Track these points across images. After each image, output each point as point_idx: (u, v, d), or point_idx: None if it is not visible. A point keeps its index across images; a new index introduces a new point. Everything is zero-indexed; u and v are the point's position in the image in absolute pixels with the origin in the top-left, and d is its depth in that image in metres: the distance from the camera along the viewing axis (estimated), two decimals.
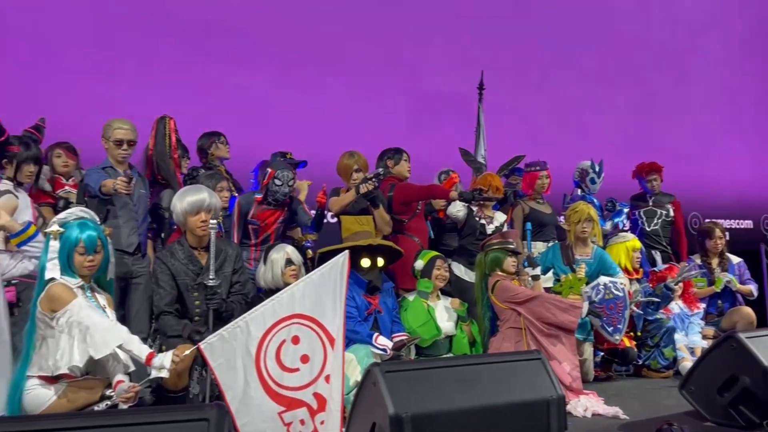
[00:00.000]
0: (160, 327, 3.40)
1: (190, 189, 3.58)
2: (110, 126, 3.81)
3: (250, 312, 2.98)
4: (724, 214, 8.53)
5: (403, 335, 3.90)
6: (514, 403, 2.65)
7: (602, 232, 5.14)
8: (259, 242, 4.24)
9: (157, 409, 2.73)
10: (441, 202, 4.93)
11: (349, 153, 4.47)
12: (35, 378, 2.81)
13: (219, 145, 4.62)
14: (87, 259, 2.91)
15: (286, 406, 2.91)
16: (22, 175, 3.56)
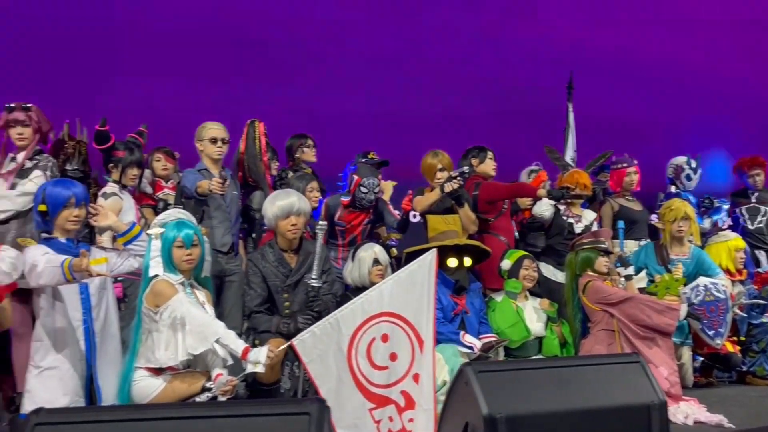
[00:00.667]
0: (252, 324, 3.51)
1: (280, 193, 3.68)
2: (204, 127, 3.98)
3: (340, 309, 3.04)
4: None
5: (491, 336, 3.84)
6: (612, 408, 2.54)
7: (700, 231, 4.88)
8: (346, 243, 4.31)
9: (260, 401, 2.83)
10: (527, 201, 4.83)
11: (432, 152, 4.45)
12: (142, 369, 2.96)
13: (305, 149, 4.69)
14: (185, 253, 3.05)
15: (376, 403, 2.97)
16: (127, 179, 3.76)
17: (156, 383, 2.92)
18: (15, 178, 3.41)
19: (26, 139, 3.48)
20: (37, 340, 2.95)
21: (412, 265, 3.14)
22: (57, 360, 2.93)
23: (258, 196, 4.25)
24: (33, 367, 2.94)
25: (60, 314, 2.97)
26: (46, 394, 2.86)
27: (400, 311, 3.05)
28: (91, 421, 1.84)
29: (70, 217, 2.97)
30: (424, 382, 2.99)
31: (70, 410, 2.49)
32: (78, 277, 2.77)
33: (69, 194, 2.97)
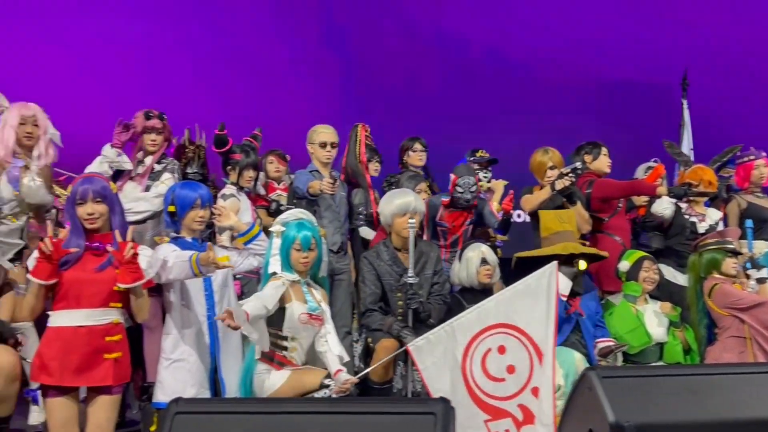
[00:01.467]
0: (365, 322, 3.56)
1: (397, 192, 3.72)
2: (315, 131, 4.11)
3: (456, 318, 3.03)
4: None
5: (609, 341, 3.69)
6: (753, 421, 2.37)
7: None
8: (449, 244, 4.28)
9: (385, 400, 2.87)
10: (642, 198, 4.60)
11: (543, 149, 4.34)
12: (264, 363, 3.07)
13: (410, 152, 4.71)
14: (302, 256, 3.13)
15: (492, 415, 2.93)
16: (243, 180, 3.92)
17: (277, 378, 3.03)
18: (147, 180, 3.65)
19: (158, 145, 3.74)
20: (168, 333, 3.11)
21: (530, 278, 3.06)
22: (185, 352, 3.08)
23: (359, 194, 4.32)
24: (164, 358, 3.10)
25: (187, 309, 3.12)
26: (175, 384, 3.02)
27: (518, 323, 3.00)
28: (227, 412, 1.92)
29: (196, 217, 3.12)
30: (543, 396, 2.92)
31: (206, 401, 2.63)
32: (204, 271, 2.90)
33: (195, 196, 3.12)
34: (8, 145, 3.48)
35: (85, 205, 2.76)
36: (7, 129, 3.50)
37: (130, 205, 3.55)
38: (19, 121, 3.52)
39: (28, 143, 3.55)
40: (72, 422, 2.73)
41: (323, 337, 3.12)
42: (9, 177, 3.49)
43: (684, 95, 5.49)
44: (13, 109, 3.56)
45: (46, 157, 3.58)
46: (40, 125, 3.58)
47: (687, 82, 5.51)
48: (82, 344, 2.72)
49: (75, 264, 2.76)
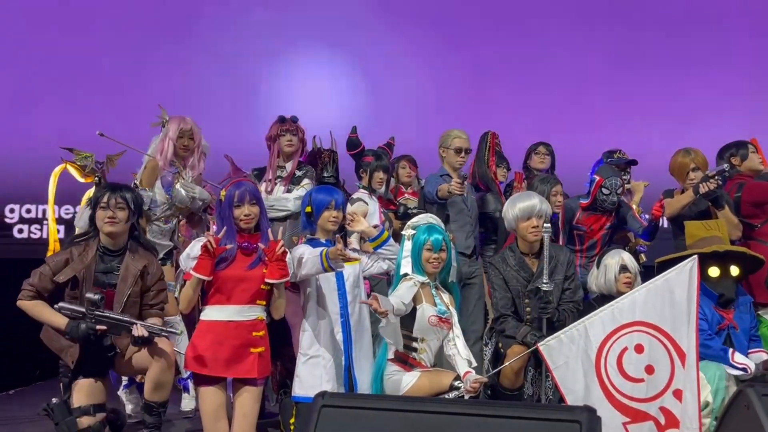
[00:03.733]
0: (499, 327, 3.51)
1: (521, 195, 3.66)
2: (449, 135, 4.13)
3: (588, 316, 2.94)
4: None
5: (763, 351, 3.39)
6: None
7: None
8: (585, 248, 4.13)
9: (531, 405, 2.82)
10: None
11: (684, 150, 4.09)
12: (395, 364, 3.13)
13: (533, 155, 4.66)
14: (433, 256, 3.20)
15: (631, 417, 2.81)
16: (374, 182, 4.03)
17: (408, 378, 3.08)
18: (290, 184, 3.88)
19: (294, 146, 3.94)
20: (305, 330, 3.24)
21: (669, 273, 2.92)
22: (321, 349, 3.19)
23: (491, 200, 4.29)
24: (301, 354, 3.23)
25: (322, 308, 3.24)
26: (312, 379, 3.14)
27: (657, 322, 2.86)
28: (370, 408, 1.98)
29: (330, 217, 3.25)
30: (688, 400, 2.77)
31: (351, 396, 2.72)
32: (334, 266, 3.01)
33: (330, 198, 3.26)
34: (167, 156, 3.83)
35: (243, 207, 2.99)
36: (168, 141, 3.85)
37: (273, 203, 3.78)
38: (179, 134, 3.84)
39: (183, 155, 3.89)
40: (222, 410, 2.94)
41: (451, 340, 3.15)
42: (163, 182, 3.83)
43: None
44: (173, 122, 3.91)
45: (198, 168, 3.90)
46: (195, 138, 3.91)
47: None
48: (231, 338, 2.92)
49: (229, 263, 2.96)
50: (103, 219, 2.98)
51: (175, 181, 3.83)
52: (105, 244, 3.03)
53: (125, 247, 3.06)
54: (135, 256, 3.05)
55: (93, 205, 3.06)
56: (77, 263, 2.96)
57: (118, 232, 3.02)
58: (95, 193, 3.27)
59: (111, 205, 2.98)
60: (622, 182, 4.07)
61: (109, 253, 3.03)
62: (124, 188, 3.10)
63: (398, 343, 3.12)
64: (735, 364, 3.27)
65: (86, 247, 3.01)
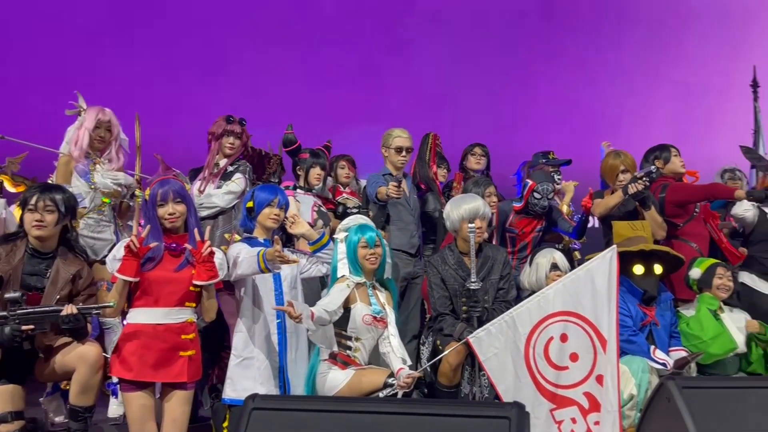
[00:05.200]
0: (437, 326, 3.54)
1: (466, 197, 3.70)
2: (391, 135, 4.14)
3: (516, 308, 3.02)
4: None
5: (682, 350, 3.55)
6: None
7: None
8: (517, 250, 4.22)
9: (461, 402, 2.86)
10: None
11: (614, 152, 4.23)
12: (328, 362, 3.12)
13: (469, 156, 4.74)
14: (369, 252, 3.22)
15: (557, 404, 2.92)
16: (311, 178, 3.99)
17: (342, 377, 3.07)
18: (219, 180, 3.77)
19: (235, 149, 3.85)
20: (239, 331, 3.18)
21: (590, 263, 3.04)
22: (255, 350, 3.14)
23: (430, 200, 4.32)
24: (234, 356, 3.17)
25: (258, 309, 3.19)
26: (245, 381, 3.08)
27: (580, 310, 2.97)
28: (302, 410, 1.95)
29: (271, 215, 3.21)
30: (608, 384, 2.89)
31: (281, 398, 2.68)
32: (271, 267, 2.96)
33: (274, 196, 3.23)
34: (83, 146, 3.64)
35: (167, 205, 2.88)
36: (83, 131, 3.67)
37: (201, 200, 3.68)
38: (95, 125, 3.68)
39: (99, 146, 3.72)
40: (149, 415, 2.84)
41: (386, 339, 3.16)
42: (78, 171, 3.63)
43: (755, 97, 5.22)
44: (90, 112, 3.73)
45: (117, 162, 3.74)
46: (113, 131, 3.74)
47: (757, 83, 5.23)
48: (159, 341, 2.83)
49: (156, 264, 2.86)
50: (31, 222, 2.85)
51: (90, 169, 3.66)
52: (34, 246, 2.90)
53: (55, 249, 2.94)
54: (66, 261, 2.93)
55: (21, 206, 2.92)
56: (4, 263, 2.82)
57: (46, 235, 2.89)
58: (24, 193, 3.10)
59: (39, 207, 2.85)
60: (553, 187, 4.18)
61: (37, 255, 2.90)
62: (54, 189, 2.95)
63: (330, 346, 3.13)
64: (656, 359, 3.40)
65: (14, 248, 2.87)
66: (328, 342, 3.11)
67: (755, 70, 5.23)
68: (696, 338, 3.64)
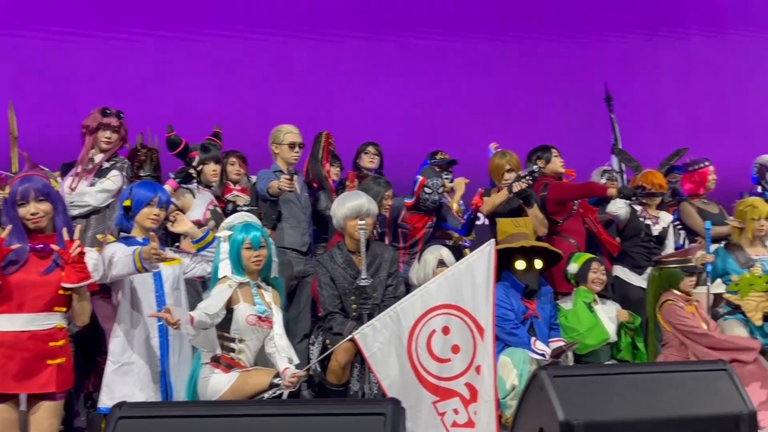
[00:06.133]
0: (326, 325, 3.52)
1: (350, 194, 3.70)
2: (281, 131, 4.06)
3: (400, 302, 3.07)
4: None
5: (560, 341, 3.74)
6: (698, 417, 2.42)
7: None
8: (408, 246, 4.28)
9: (335, 401, 2.84)
10: None
11: (500, 152, 4.39)
12: (210, 366, 3.02)
13: (363, 155, 4.74)
14: (253, 254, 3.12)
15: (440, 396, 2.98)
16: (208, 176, 3.84)
17: (225, 380, 2.98)
18: (93, 177, 3.55)
19: (112, 143, 3.64)
20: (116, 336, 3.02)
21: (470, 257, 3.14)
22: (134, 356, 3.00)
23: (323, 198, 4.30)
24: (111, 362, 3.02)
25: (137, 311, 3.05)
26: (124, 388, 2.94)
27: (460, 303, 3.04)
28: (173, 416, 1.87)
29: (150, 215, 3.07)
30: (485, 373, 2.98)
31: (152, 404, 2.56)
32: (148, 266, 2.83)
33: (153, 195, 3.08)
34: None
35: (28, 205, 2.66)
36: None
37: (73, 198, 3.45)
38: None
39: None
40: (12, 429, 2.63)
41: (272, 339, 3.09)
42: None
43: (611, 110, 5.52)
44: None
45: None
46: None
47: (611, 97, 5.55)
48: (24, 350, 2.61)
49: (19, 267, 2.66)
50: None
51: None
52: None
53: None
54: None
55: None
56: None
57: None
58: None
59: None
60: (443, 182, 4.27)
61: None
62: None
63: (212, 349, 3.03)
64: (536, 350, 3.57)
65: None
66: (210, 345, 3.01)
67: (606, 86, 5.58)
68: (573, 330, 3.85)
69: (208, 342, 3.01)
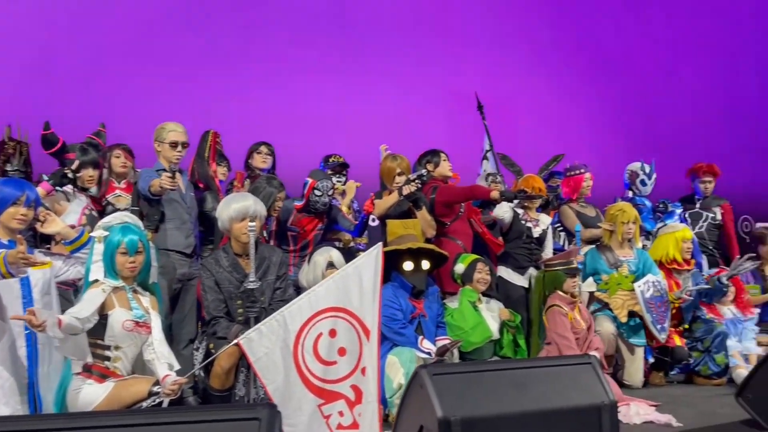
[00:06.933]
0: (211, 330, 3.42)
1: (236, 196, 3.62)
2: (164, 128, 3.91)
3: (287, 306, 3.02)
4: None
5: (445, 339, 3.85)
6: (565, 409, 2.57)
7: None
8: (298, 249, 4.27)
9: (209, 407, 2.75)
10: None
11: (392, 156, 4.47)
12: (82, 376, 2.86)
13: (255, 155, 4.67)
14: (128, 260, 2.97)
15: (326, 399, 2.96)
16: (84, 181, 3.64)
17: (99, 391, 2.82)
18: None
19: None
20: None
21: (358, 260, 3.13)
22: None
23: (209, 198, 4.20)
24: None
25: (1, 319, 2.85)
26: None
27: (348, 306, 3.03)
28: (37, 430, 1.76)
29: (17, 215, 2.89)
30: (369, 374, 2.99)
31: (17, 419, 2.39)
32: (14, 271, 2.66)
33: (20, 193, 2.89)
34: None
35: None
36: None
37: None
38: None
39: None
40: None
41: (151, 345, 2.95)
42: None
43: (483, 117, 5.73)
44: None
45: None
46: None
47: (481, 104, 5.75)
48: None
49: None
50: None
51: None
52: None
53: None
54: None
55: None
56: None
57: None
58: None
59: None
60: (333, 184, 4.29)
61: None
62: None
63: (83, 358, 2.85)
64: (422, 349, 3.66)
65: None
66: (80, 353, 2.84)
67: (477, 95, 5.81)
68: (459, 329, 3.98)
69: (78, 350, 2.83)
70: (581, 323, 4.08)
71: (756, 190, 8.10)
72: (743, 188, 7.47)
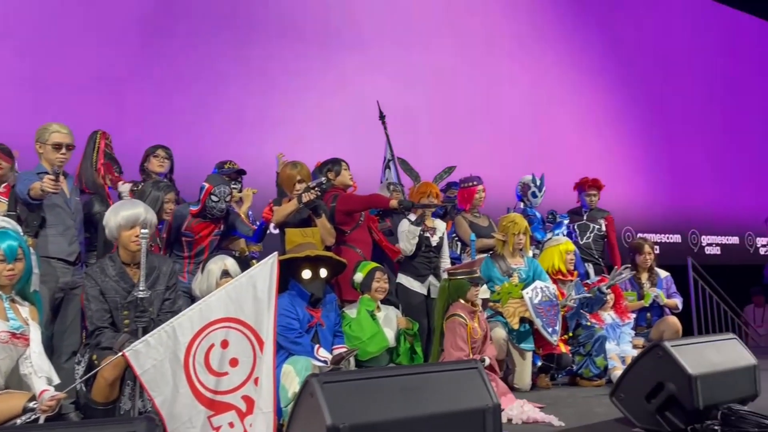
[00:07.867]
0: (95, 341, 3.25)
1: (125, 203, 3.47)
2: (47, 129, 3.71)
3: (177, 317, 2.94)
4: (654, 229, 9.00)
5: (341, 347, 3.87)
6: (452, 413, 2.67)
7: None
8: (193, 255, 4.16)
9: (85, 422, 2.63)
10: None
11: (291, 163, 4.45)
12: None
13: (152, 158, 4.54)
14: (6, 268, 2.82)
15: (215, 410, 2.90)
16: None
17: None
18: None
19: None
20: None
21: (252, 269, 3.09)
22: None
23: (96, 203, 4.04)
24: None
25: None
26: None
27: (241, 316, 2.98)
28: None
29: None
30: (263, 384, 2.95)
31: None
32: None
33: None
34: None
35: None
36: None
37: None
38: None
39: None
40: None
41: (28, 358, 2.79)
42: None
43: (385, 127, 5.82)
44: None
45: None
46: None
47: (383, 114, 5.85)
48: None
49: None
50: None
51: None
52: None
53: None
54: None
55: None
56: None
57: None
58: None
59: None
60: (230, 190, 4.22)
61: None
62: None
63: None
64: (318, 357, 3.67)
65: None
66: None
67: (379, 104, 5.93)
68: (356, 338, 4.01)
69: None
70: (479, 332, 4.22)
71: (636, 202, 8.75)
72: (624, 202, 8.05)
